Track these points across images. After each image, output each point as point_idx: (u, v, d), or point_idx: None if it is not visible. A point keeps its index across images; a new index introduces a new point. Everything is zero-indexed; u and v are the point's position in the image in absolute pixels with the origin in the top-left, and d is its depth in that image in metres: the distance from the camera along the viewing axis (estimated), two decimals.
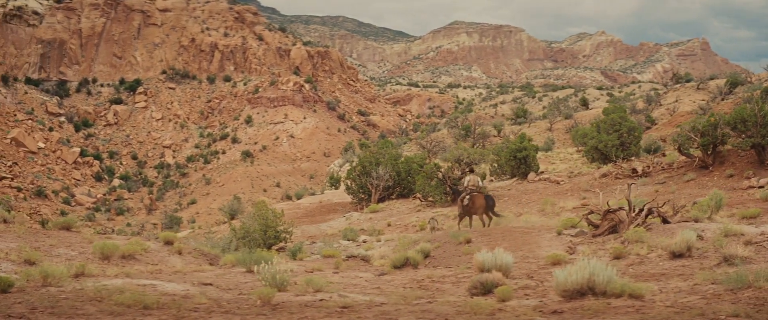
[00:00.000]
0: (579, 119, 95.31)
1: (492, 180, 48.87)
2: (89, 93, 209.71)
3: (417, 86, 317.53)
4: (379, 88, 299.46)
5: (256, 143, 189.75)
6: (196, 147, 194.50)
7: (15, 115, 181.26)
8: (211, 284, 13.80)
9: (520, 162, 47.51)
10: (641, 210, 19.83)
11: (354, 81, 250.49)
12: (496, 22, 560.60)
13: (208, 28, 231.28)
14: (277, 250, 27.18)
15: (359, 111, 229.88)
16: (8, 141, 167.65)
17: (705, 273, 12.67)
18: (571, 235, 20.74)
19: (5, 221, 22.50)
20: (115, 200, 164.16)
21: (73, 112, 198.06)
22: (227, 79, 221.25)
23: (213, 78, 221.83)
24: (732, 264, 13.60)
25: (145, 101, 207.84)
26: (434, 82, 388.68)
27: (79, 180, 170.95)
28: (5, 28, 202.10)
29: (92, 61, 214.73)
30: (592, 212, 21.24)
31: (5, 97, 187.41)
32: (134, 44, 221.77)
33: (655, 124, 79.51)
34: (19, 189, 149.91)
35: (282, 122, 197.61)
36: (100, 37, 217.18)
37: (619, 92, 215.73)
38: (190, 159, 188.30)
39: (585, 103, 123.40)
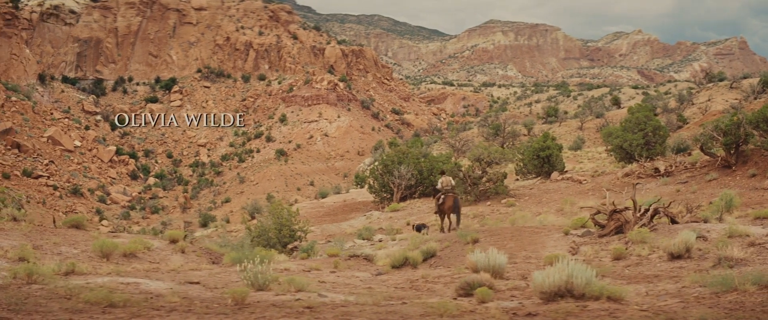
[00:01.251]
0: (610, 118, 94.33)
1: (517, 179, 48.50)
2: (125, 91, 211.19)
3: (451, 85, 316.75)
4: (413, 86, 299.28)
5: (290, 142, 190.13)
6: (231, 145, 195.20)
7: (52, 114, 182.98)
8: (198, 283, 13.71)
9: (543, 162, 47.11)
10: (647, 211, 19.56)
11: (388, 79, 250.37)
12: (532, 21, 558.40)
13: (242, 27, 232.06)
14: (290, 249, 27.41)
15: (393, 109, 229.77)
16: (45, 139, 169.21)
17: (695, 275, 12.42)
18: (578, 235, 20.42)
19: (15, 219, 22.64)
20: (150, 198, 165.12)
21: (109, 111, 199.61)
22: (262, 78, 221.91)
23: (248, 76, 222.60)
24: (727, 266, 13.36)
25: (181, 100, 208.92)
26: (469, 80, 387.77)
27: (114, 178, 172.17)
28: (42, 27, 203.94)
29: (128, 60, 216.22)
30: (598, 212, 20.90)
31: (42, 96, 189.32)
32: (170, 43, 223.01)
33: (687, 123, 78.63)
34: (55, 188, 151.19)
35: (316, 121, 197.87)
36: (136, 35, 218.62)
37: (655, 91, 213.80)
38: (224, 157, 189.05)
39: (617, 102, 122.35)
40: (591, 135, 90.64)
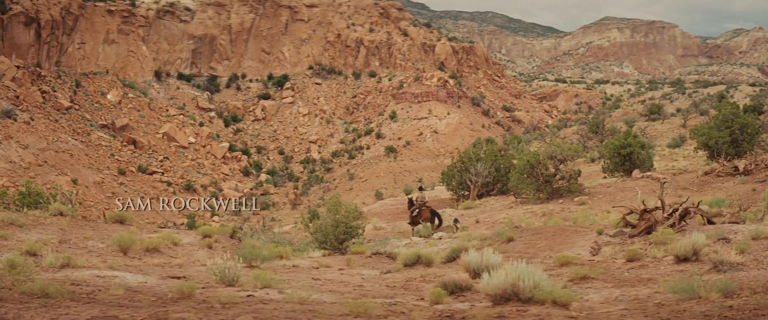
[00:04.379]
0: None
1: (605, 177, 47.05)
2: (238, 88, 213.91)
3: (564, 82, 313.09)
4: (525, 83, 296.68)
5: (399, 138, 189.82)
6: (341, 142, 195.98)
7: (167, 110, 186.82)
8: (183, 277, 14.01)
9: (624, 159, 45.49)
10: (675, 211, 19.01)
11: (499, 77, 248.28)
12: (648, 18, 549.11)
13: (353, 24, 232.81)
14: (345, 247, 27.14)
15: (504, 107, 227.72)
16: (160, 136, 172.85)
17: (672, 281, 11.56)
18: (610, 235, 19.87)
19: (61, 214, 22.99)
20: (262, 195, 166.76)
21: (222, 107, 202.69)
22: (372, 75, 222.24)
23: (358, 73, 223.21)
24: (721, 271, 12.95)
25: (292, 96, 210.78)
26: (582, 78, 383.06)
27: (227, 174, 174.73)
28: (158, 24, 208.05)
29: (241, 57, 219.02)
30: (631, 212, 20.38)
31: (158, 93, 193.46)
32: (282, 40, 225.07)
33: None
34: (169, 184, 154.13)
35: (426, 118, 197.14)
36: (249, 32, 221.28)
37: None
38: (335, 154, 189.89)
39: (722, 99, 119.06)
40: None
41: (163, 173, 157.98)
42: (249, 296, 11.48)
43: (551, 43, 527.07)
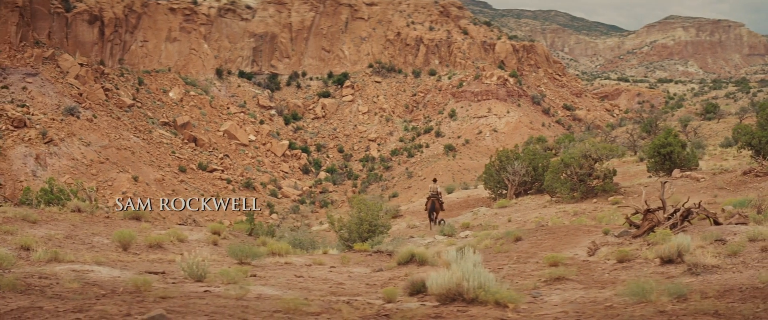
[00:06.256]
0: None
1: (650, 176, 46.38)
2: (298, 86, 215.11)
3: (626, 81, 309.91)
4: (586, 82, 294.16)
5: (459, 137, 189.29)
6: (401, 140, 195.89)
7: (228, 108, 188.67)
8: (163, 273, 14.36)
9: (664, 158, 44.60)
10: (676, 211, 18.74)
11: (560, 75, 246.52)
12: (713, 17, 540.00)
13: (413, 22, 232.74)
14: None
15: (565, 105, 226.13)
16: (221, 133, 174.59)
17: (632, 283, 11.18)
18: (615, 235, 19.41)
19: (79, 210, 23.37)
20: (320, 193, 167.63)
21: (282, 105, 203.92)
22: (432, 73, 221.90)
23: (418, 72, 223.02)
24: (695, 274, 12.80)
25: (352, 95, 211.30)
26: (646, 77, 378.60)
27: (286, 172, 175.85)
28: (220, 22, 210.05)
29: (301, 55, 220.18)
30: (637, 212, 19.96)
31: (219, 90, 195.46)
32: (342, 38, 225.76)
33: None
34: (229, 181, 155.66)
35: (485, 116, 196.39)
36: (309, 30, 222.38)
37: None
38: (394, 152, 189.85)
39: None
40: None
41: (223, 171, 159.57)
42: (205, 291, 11.61)
43: (615, 42, 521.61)
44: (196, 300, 10.73)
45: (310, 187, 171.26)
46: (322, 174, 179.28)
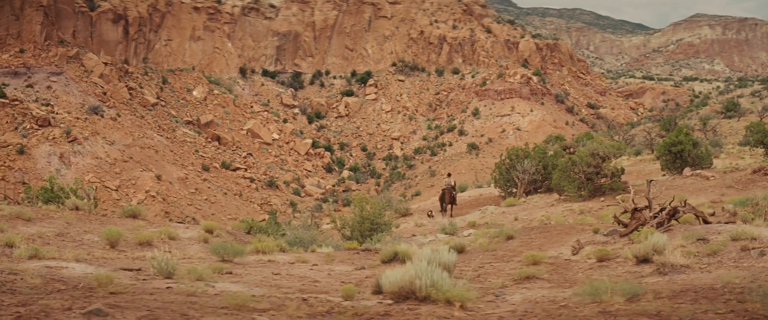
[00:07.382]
0: None
1: (664, 175, 46.13)
2: (322, 85, 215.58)
3: (651, 79, 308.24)
4: (611, 80, 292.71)
5: (482, 135, 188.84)
6: (424, 139, 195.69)
7: (252, 107, 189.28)
8: (139, 269, 14.43)
9: (675, 157, 44.42)
10: (662, 210, 18.76)
11: (584, 74, 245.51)
12: (740, 15, 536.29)
13: (436, 21, 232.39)
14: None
15: (589, 104, 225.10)
16: (244, 132, 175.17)
17: (596, 282, 11.16)
18: (604, 234, 19.41)
19: (77, 208, 23.60)
20: (343, 191, 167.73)
21: (306, 104, 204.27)
22: (455, 72, 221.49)
23: (441, 70, 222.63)
24: (662, 274, 12.77)
25: (375, 93, 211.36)
26: (671, 75, 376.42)
27: (310, 171, 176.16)
28: (243, 21, 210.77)
29: (325, 54, 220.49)
30: (625, 211, 19.94)
31: (243, 89, 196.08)
32: (365, 37, 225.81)
33: None
34: (252, 180, 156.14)
35: (509, 115, 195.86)
36: (332, 29, 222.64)
37: None
38: (417, 151, 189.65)
39: None
40: None
41: (246, 169, 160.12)
42: (168, 288, 11.73)
43: (640, 40, 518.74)
44: (145, 295, 10.83)
45: (334, 186, 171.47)
46: (346, 173, 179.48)
